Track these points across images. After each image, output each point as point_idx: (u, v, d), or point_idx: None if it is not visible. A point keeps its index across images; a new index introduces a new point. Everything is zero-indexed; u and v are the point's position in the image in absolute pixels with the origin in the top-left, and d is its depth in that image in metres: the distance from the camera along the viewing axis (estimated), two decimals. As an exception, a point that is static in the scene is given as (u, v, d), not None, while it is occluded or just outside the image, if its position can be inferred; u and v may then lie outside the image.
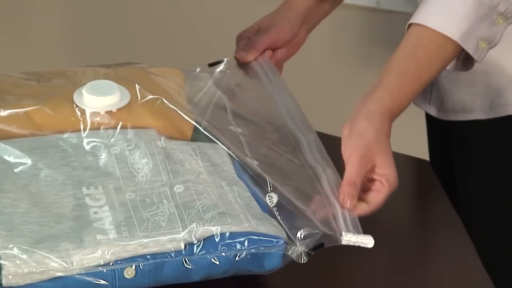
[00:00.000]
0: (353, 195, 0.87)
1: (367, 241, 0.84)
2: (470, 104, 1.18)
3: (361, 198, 0.89)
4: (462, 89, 1.11)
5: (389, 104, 0.93)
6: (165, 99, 0.97)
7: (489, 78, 1.12)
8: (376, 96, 0.94)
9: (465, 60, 0.99)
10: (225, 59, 1.16)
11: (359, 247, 0.84)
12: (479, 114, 1.18)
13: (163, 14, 2.21)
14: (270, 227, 0.85)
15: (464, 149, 1.23)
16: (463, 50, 0.95)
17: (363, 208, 0.88)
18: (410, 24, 0.97)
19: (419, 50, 0.95)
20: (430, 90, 1.25)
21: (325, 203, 0.88)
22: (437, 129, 1.32)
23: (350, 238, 0.83)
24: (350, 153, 0.89)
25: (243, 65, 1.17)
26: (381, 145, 0.90)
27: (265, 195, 0.89)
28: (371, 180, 0.89)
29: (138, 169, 0.90)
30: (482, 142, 1.20)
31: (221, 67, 1.15)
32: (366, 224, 0.87)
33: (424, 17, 0.95)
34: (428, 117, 1.32)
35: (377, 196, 0.89)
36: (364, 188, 0.89)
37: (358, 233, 0.84)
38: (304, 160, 0.95)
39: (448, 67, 0.99)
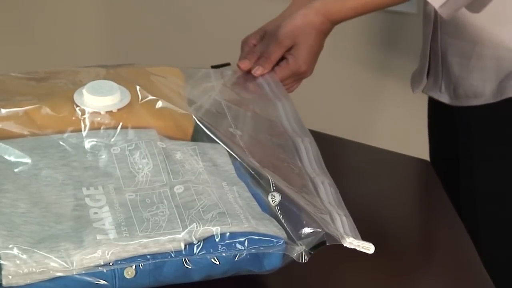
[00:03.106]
0: (265, 67, 1.08)
1: (368, 246, 0.84)
2: (482, 89, 1.18)
3: None
4: (473, 74, 1.12)
5: (330, 6, 1.10)
6: (165, 100, 0.97)
7: (500, 63, 1.13)
8: None
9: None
10: (225, 64, 1.17)
11: (358, 248, 0.84)
12: (488, 98, 1.18)
13: (163, 14, 2.21)
14: (270, 227, 0.85)
15: (470, 136, 1.23)
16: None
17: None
18: None
19: None
20: (441, 77, 1.26)
21: (323, 209, 0.88)
22: (440, 117, 1.32)
23: (352, 241, 0.84)
24: (275, 32, 1.10)
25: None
26: (305, 34, 1.08)
27: (267, 195, 0.89)
28: (282, 58, 1.11)
29: (138, 169, 0.90)
30: (487, 128, 1.20)
31: (223, 70, 1.15)
32: (366, 224, 0.87)
33: None
34: (431, 107, 1.33)
35: (282, 71, 1.11)
36: None
37: (357, 238, 0.85)
38: (302, 168, 0.95)
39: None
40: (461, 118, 1.24)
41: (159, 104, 0.97)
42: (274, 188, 0.89)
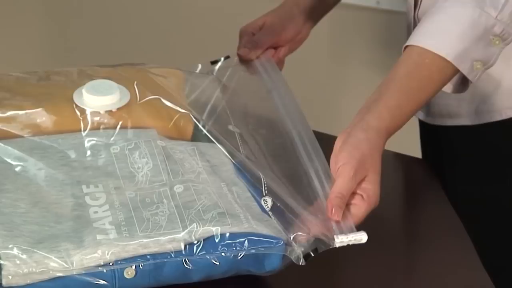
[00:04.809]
0: (341, 207, 0.85)
1: (360, 237, 0.83)
2: (456, 109, 1.18)
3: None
4: (448, 94, 1.11)
5: (388, 122, 0.92)
6: (165, 99, 0.97)
7: (475, 84, 1.12)
8: (376, 112, 0.92)
9: (461, 81, 0.99)
10: (225, 57, 1.16)
11: (357, 246, 0.84)
12: (464, 120, 1.18)
13: (163, 13, 2.21)
14: (270, 228, 0.85)
15: (453, 154, 1.23)
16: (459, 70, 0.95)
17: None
18: (407, 46, 0.96)
19: (422, 69, 0.94)
20: None
21: (317, 209, 0.88)
22: (428, 133, 1.32)
23: (342, 240, 0.83)
24: (344, 164, 0.87)
25: (245, 62, 1.16)
26: (373, 161, 0.88)
27: (261, 198, 0.89)
28: (353, 193, 0.87)
29: (138, 169, 0.90)
30: (469, 148, 1.20)
31: (223, 64, 1.15)
32: (364, 225, 0.87)
33: (422, 38, 0.95)
34: (420, 121, 1.33)
35: (359, 210, 0.87)
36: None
37: (352, 231, 0.84)
38: (300, 166, 0.95)
39: (445, 89, 0.99)
40: (444, 135, 1.24)
41: (159, 103, 0.97)
42: (266, 192, 0.89)
